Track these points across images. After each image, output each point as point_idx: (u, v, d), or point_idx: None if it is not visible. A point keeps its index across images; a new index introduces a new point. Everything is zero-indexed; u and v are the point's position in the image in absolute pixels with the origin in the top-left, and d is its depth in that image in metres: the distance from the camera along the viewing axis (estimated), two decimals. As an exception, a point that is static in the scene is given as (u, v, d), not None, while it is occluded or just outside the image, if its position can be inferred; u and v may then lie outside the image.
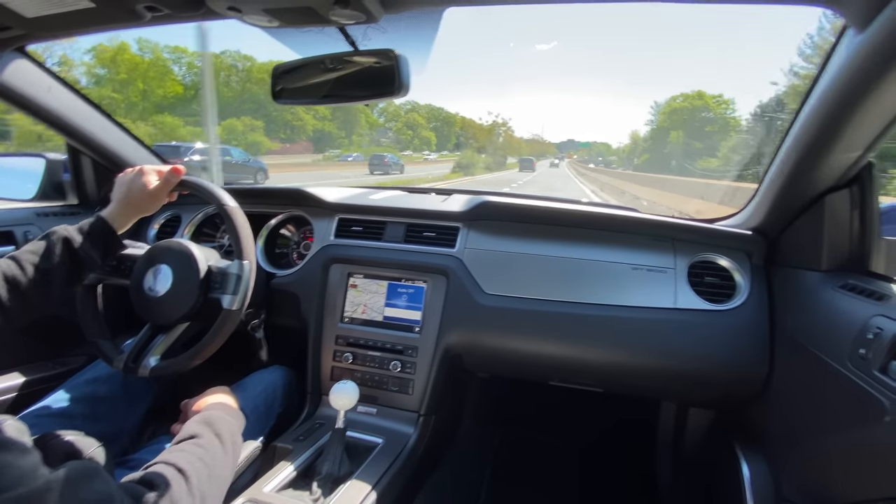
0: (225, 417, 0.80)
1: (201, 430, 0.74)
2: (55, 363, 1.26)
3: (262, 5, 0.69)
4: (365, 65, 0.84)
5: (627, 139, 56.71)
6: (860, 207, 0.85)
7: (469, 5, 0.78)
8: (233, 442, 0.77)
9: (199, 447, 0.70)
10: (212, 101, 5.82)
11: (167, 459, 0.63)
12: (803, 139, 0.81)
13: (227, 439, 0.75)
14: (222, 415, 0.81)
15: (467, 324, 1.15)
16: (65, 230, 0.86)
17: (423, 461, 1.10)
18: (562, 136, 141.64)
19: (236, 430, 0.81)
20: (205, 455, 0.68)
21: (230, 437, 0.77)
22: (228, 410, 0.84)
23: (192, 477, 0.62)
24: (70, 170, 1.41)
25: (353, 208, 1.33)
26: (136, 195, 0.94)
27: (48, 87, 1.14)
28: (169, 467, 0.61)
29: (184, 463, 0.63)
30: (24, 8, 0.77)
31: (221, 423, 0.77)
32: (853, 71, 0.67)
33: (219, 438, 0.74)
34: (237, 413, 0.87)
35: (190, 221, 1.44)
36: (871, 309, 0.71)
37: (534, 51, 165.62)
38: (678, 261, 1.11)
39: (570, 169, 50.73)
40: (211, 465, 0.67)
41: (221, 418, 0.79)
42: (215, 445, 0.72)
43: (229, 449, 0.75)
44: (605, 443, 1.76)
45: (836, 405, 0.75)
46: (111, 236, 0.91)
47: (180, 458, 0.64)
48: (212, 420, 0.77)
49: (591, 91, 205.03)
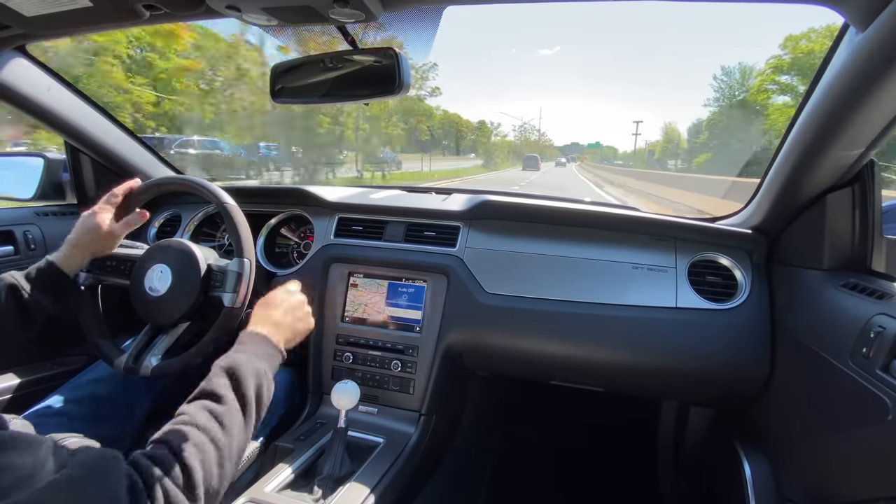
0: (254, 364, 0.71)
1: (223, 389, 0.66)
2: (55, 363, 1.26)
3: (261, 4, 0.69)
4: (365, 63, 0.84)
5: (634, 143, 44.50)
6: (862, 206, 0.85)
7: (469, 4, 0.78)
8: (257, 399, 0.69)
9: (215, 420, 0.62)
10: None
11: (174, 446, 0.57)
12: (805, 138, 0.81)
13: (251, 399, 0.68)
14: (252, 360, 0.72)
15: (468, 323, 1.14)
16: (11, 277, 0.84)
17: (424, 461, 1.10)
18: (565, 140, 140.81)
19: (265, 377, 0.72)
20: (217, 436, 0.61)
21: (255, 393, 0.69)
22: (263, 347, 0.77)
23: (197, 476, 0.56)
24: (69, 169, 1.40)
25: (353, 207, 1.32)
26: (86, 237, 0.91)
27: (47, 86, 1.13)
28: (173, 457, 0.56)
29: (193, 457, 0.57)
30: (23, 7, 0.77)
31: (247, 375, 0.69)
32: (854, 70, 0.66)
33: (241, 400, 0.67)
34: (273, 348, 0.79)
35: (190, 221, 1.43)
36: (873, 308, 0.71)
37: (537, 56, 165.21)
38: (679, 260, 1.11)
39: (581, 172, 39.79)
40: (225, 446, 0.61)
41: (248, 367, 0.70)
42: (234, 411, 0.65)
43: (251, 412, 0.68)
44: (606, 442, 1.76)
45: (838, 404, 0.75)
46: (61, 279, 0.88)
47: (189, 447, 0.58)
48: (237, 370, 0.69)
49: (594, 95, 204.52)
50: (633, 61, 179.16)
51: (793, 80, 24.68)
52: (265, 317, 0.85)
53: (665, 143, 48.35)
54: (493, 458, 1.67)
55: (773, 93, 25.90)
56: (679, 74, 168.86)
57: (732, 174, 14.19)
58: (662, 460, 1.56)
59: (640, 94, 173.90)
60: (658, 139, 51.64)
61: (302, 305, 0.93)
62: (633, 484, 1.62)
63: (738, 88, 31.88)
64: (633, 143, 45.96)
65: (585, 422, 1.79)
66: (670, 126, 49.56)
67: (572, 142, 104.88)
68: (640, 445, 1.65)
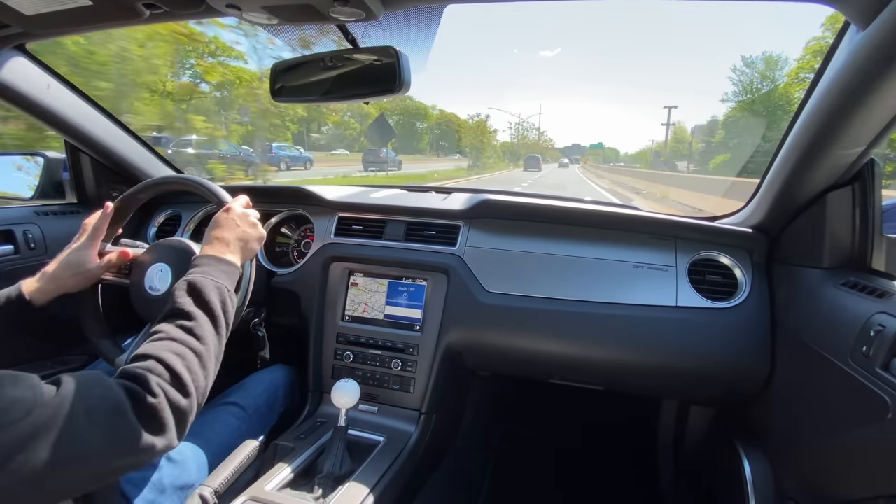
0: (213, 281, 0.74)
1: (189, 306, 0.69)
2: (55, 362, 1.26)
3: (261, 2, 0.69)
4: (365, 62, 0.84)
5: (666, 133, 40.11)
6: (862, 205, 0.85)
7: (468, 3, 0.78)
8: (224, 311, 0.73)
9: (189, 333, 0.66)
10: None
11: (158, 356, 0.60)
12: (805, 137, 0.81)
13: (218, 312, 0.71)
14: (210, 278, 0.74)
15: (468, 322, 1.14)
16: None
17: (424, 459, 1.10)
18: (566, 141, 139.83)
19: (226, 291, 0.75)
20: (194, 344, 0.65)
21: (220, 307, 0.72)
22: (218, 265, 0.78)
23: (185, 376, 0.60)
24: (69, 168, 1.40)
25: (353, 207, 1.32)
26: (67, 272, 0.88)
27: (47, 85, 1.13)
28: (160, 364, 0.59)
29: (177, 362, 0.60)
30: (23, 6, 0.77)
31: (209, 291, 0.72)
32: (855, 68, 0.66)
33: (209, 314, 0.70)
34: (228, 265, 0.80)
35: (190, 220, 1.43)
36: (873, 306, 0.71)
37: (538, 57, 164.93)
38: (679, 259, 1.11)
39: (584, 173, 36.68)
40: (203, 353, 0.65)
41: (209, 284, 0.73)
42: (203, 324, 0.68)
43: (221, 323, 0.71)
44: (606, 441, 1.76)
45: (838, 403, 0.75)
46: (26, 310, 0.83)
47: (171, 355, 0.61)
48: (199, 289, 0.71)
49: (595, 96, 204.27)
50: (634, 62, 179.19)
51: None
52: (215, 238, 0.84)
53: (674, 143, 44.14)
54: (493, 457, 1.67)
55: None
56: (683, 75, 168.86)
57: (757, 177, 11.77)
58: (662, 460, 1.56)
59: (639, 96, 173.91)
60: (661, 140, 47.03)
61: (246, 217, 0.90)
62: (633, 483, 1.62)
63: (763, 81, 29.15)
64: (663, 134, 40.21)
65: (585, 421, 1.79)
66: (679, 125, 46.41)
67: (573, 143, 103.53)
68: (640, 445, 1.65)
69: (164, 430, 0.56)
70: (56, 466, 0.46)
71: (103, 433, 0.51)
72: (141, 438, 0.53)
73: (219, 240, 0.83)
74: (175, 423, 0.57)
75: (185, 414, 0.59)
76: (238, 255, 0.84)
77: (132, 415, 0.53)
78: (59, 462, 0.47)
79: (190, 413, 0.60)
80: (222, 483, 0.86)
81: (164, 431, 0.56)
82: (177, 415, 0.58)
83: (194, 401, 0.61)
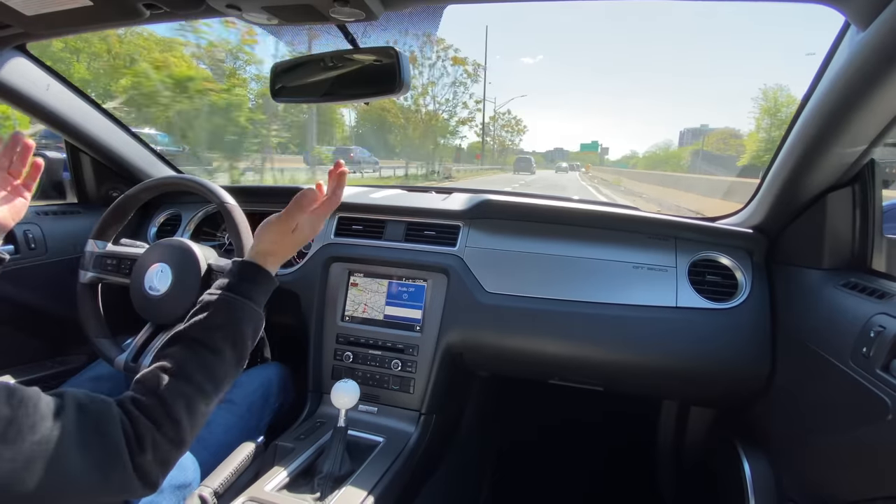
0: (257, 312, 0.69)
1: (220, 342, 0.64)
2: (55, 362, 1.26)
3: (261, 3, 0.69)
4: (365, 62, 0.84)
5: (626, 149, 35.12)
6: (862, 205, 0.85)
7: (468, 3, 0.78)
8: (252, 340, 0.68)
9: (208, 377, 0.61)
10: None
11: (163, 397, 0.57)
12: (805, 137, 0.81)
13: (247, 351, 0.67)
14: (258, 302, 0.69)
15: (468, 322, 1.14)
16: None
17: (424, 460, 1.10)
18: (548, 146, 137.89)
19: (260, 319, 0.70)
20: (207, 388, 0.61)
21: (251, 342, 0.67)
22: (269, 284, 0.74)
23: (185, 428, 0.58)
24: (69, 168, 1.40)
25: (352, 207, 1.32)
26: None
27: (47, 85, 1.13)
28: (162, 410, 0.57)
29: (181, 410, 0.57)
30: (23, 6, 0.77)
31: (245, 328, 0.66)
32: (855, 69, 0.66)
33: (236, 354, 0.65)
34: (269, 280, 0.74)
35: (190, 220, 1.43)
36: (873, 307, 0.71)
37: (520, 63, 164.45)
38: (679, 259, 1.11)
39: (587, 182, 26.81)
40: (212, 396, 0.61)
41: (254, 318, 0.68)
42: (228, 366, 0.64)
43: (244, 359, 0.67)
44: (606, 442, 1.76)
45: (839, 404, 0.75)
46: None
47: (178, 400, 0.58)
48: (235, 322, 0.66)
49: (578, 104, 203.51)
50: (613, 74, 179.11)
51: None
52: (287, 244, 0.77)
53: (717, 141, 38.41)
54: (493, 458, 1.67)
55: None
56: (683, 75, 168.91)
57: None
58: (662, 460, 1.56)
59: (624, 104, 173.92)
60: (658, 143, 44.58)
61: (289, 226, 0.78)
62: (633, 484, 1.62)
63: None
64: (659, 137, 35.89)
65: (585, 422, 1.79)
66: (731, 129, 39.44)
67: (555, 147, 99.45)
68: (641, 445, 1.65)
69: (151, 483, 0.55)
70: (42, 494, 0.46)
71: (97, 477, 0.50)
72: (129, 487, 0.53)
73: (281, 248, 0.76)
74: (160, 474, 0.57)
75: (172, 462, 0.58)
76: (278, 265, 0.78)
77: (129, 466, 0.52)
78: (44, 491, 0.46)
79: (177, 459, 0.59)
80: (222, 483, 0.86)
81: (151, 483, 0.56)
82: (165, 468, 0.57)
83: (185, 448, 0.59)
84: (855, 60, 0.66)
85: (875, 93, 0.66)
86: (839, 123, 0.74)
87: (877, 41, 0.61)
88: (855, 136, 0.76)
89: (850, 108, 0.70)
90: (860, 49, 0.64)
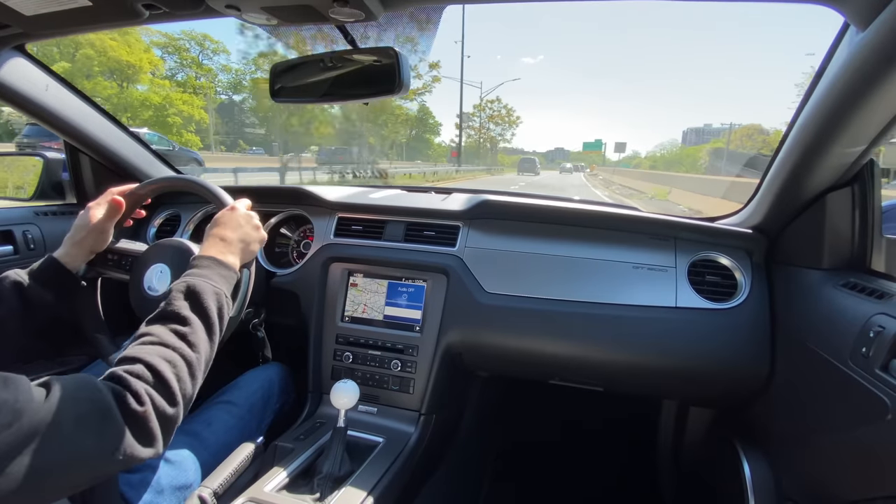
0: (212, 286, 0.73)
1: (185, 311, 0.68)
2: (56, 362, 1.26)
3: (260, 3, 0.69)
4: (365, 63, 0.84)
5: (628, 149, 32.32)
6: (861, 206, 0.85)
7: (468, 3, 0.78)
8: (219, 317, 0.72)
9: (182, 340, 0.65)
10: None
11: (148, 362, 0.59)
12: (804, 137, 0.81)
13: (214, 319, 0.70)
14: (209, 282, 0.73)
15: (468, 323, 1.14)
16: (15, 274, 0.83)
17: (423, 460, 1.10)
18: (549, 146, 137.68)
19: (224, 297, 0.74)
20: (186, 352, 0.64)
21: (216, 313, 0.71)
22: (217, 269, 0.77)
23: (174, 385, 0.60)
24: (68, 169, 1.40)
25: (352, 207, 1.32)
26: (82, 233, 0.90)
27: (46, 85, 1.13)
28: (149, 371, 0.59)
29: (167, 370, 0.60)
30: (23, 6, 0.77)
31: (207, 297, 0.71)
32: (854, 70, 0.66)
33: (205, 321, 0.69)
34: (227, 269, 0.79)
35: (189, 220, 1.43)
36: (873, 307, 0.71)
37: (521, 64, 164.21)
38: (679, 259, 1.11)
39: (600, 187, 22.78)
40: (194, 361, 0.64)
41: (208, 289, 0.72)
42: (198, 331, 0.67)
43: (215, 330, 0.70)
44: (605, 442, 1.76)
45: (838, 404, 0.75)
46: (64, 276, 0.88)
47: (162, 362, 0.60)
48: (197, 293, 0.70)
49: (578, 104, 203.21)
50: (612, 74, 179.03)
51: None
52: (217, 238, 0.83)
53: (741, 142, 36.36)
54: (492, 458, 1.67)
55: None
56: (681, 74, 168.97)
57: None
58: (662, 460, 1.56)
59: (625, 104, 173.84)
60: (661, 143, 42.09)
61: (250, 218, 0.90)
62: (632, 484, 1.62)
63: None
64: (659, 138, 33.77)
65: (585, 422, 1.79)
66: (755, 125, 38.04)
67: (556, 147, 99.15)
68: (640, 445, 1.65)
69: (150, 438, 0.56)
70: (44, 471, 0.47)
71: (92, 438, 0.51)
72: (128, 444, 0.53)
73: (221, 240, 0.83)
74: (161, 432, 0.57)
75: (170, 423, 0.59)
76: (238, 257, 0.84)
77: (120, 419, 0.53)
78: (47, 467, 0.47)
79: (175, 422, 0.60)
80: (221, 484, 0.86)
81: (150, 439, 0.56)
82: (163, 423, 0.57)
83: (180, 410, 0.60)
84: (854, 61, 0.66)
85: (874, 93, 0.66)
86: (839, 123, 0.74)
87: (876, 41, 0.61)
88: (854, 136, 0.76)
89: (849, 108, 0.70)
90: (859, 49, 0.64)
